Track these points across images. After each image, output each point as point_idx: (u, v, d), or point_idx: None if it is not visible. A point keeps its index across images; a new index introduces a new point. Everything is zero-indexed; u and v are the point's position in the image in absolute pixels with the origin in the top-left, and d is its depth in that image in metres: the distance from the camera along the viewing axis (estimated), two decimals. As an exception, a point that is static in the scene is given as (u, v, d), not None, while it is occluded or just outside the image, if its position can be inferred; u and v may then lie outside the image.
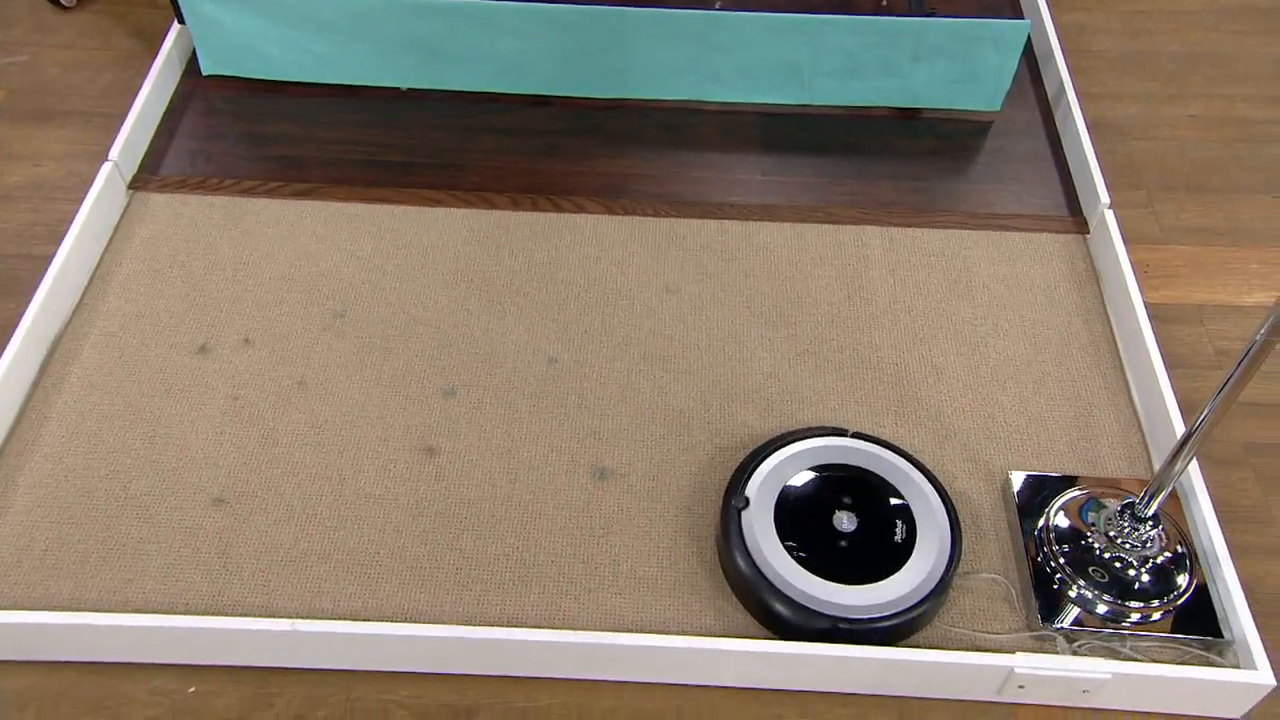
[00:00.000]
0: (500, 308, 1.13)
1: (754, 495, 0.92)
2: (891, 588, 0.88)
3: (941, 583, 0.89)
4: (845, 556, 0.89)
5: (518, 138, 1.31)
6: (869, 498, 0.93)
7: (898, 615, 0.87)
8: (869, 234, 1.24)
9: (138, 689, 0.87)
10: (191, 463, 0.98)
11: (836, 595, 0.87)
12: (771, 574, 0.88)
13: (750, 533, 0.89)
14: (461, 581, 0.92)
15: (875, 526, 0.91)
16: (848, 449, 0.97)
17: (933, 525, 0.92)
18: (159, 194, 1.21)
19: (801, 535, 0.90)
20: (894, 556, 0.90)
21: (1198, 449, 0.85)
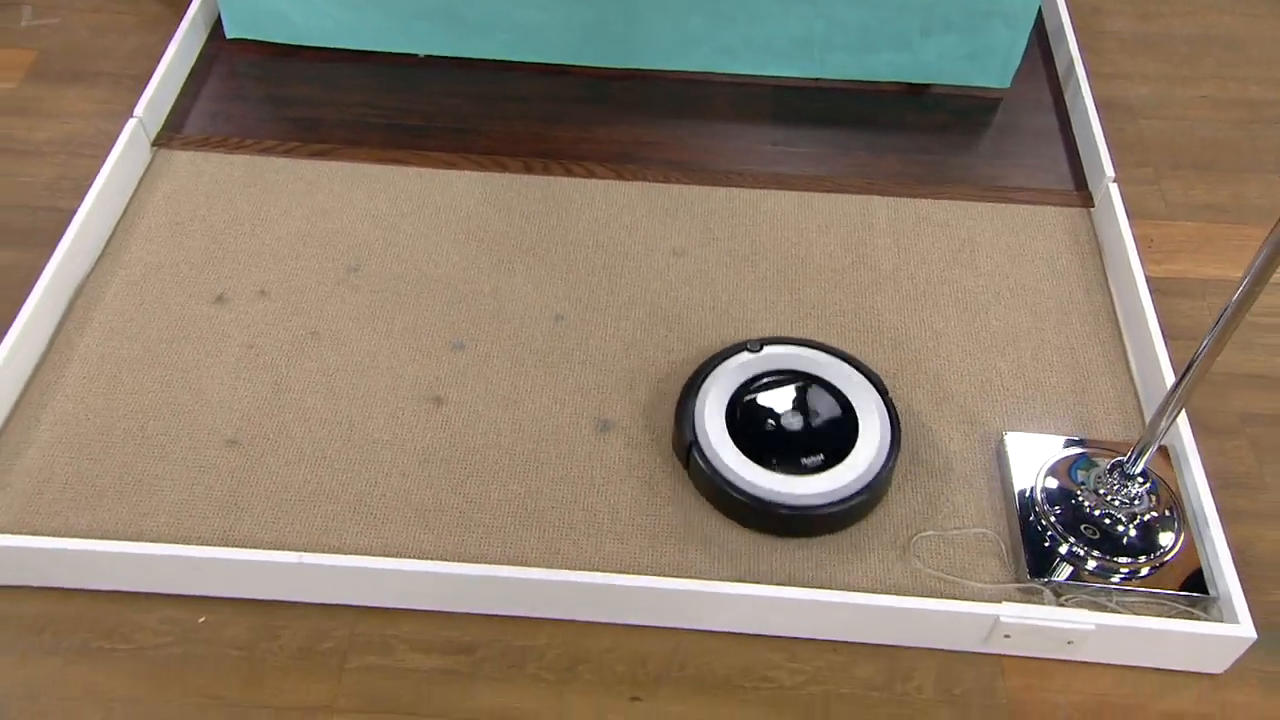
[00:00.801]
0: (510, 267, 1.15)
1: (704, 411, 0.97)
2: (834, 479, 0.94)
3: (880, 475, 0.94)
4: (797, 455, 0.96)
5: (531, 105, 1.34)
6: (812, 395, 0.99)
7: (839, 503, 0.93)
8: (875, 204, 1.25)
9: (149, 617, 0.90)
10: (207, 406, 1.01)
11: (783, 486, 0.93)
12: (725, 470, 0.94)
13: (704, 434, 0.95)
14: (464, 524, 0.95)
15: (820, 425, 0.98)
16: (799, 357, 1.02)
17: (874, 423, 0.97)
18: (181, 151, 1.24)
19: (755, 438, 0.96)
20: (837, 451, 0.96)
21: (1187, 402, 0.87)
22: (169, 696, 0.86)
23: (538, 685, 0.88)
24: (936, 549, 0.96)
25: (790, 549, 0.95)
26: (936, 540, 0.97)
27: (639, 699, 0.88)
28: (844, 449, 0.96)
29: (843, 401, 0.99)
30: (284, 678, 0.88)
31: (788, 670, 0.91)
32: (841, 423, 0.98)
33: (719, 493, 0.95)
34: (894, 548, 0.96)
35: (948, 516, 0.98)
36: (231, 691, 0.87)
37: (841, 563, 0.94)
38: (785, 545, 0.95)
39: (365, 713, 0.86)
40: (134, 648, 0.88)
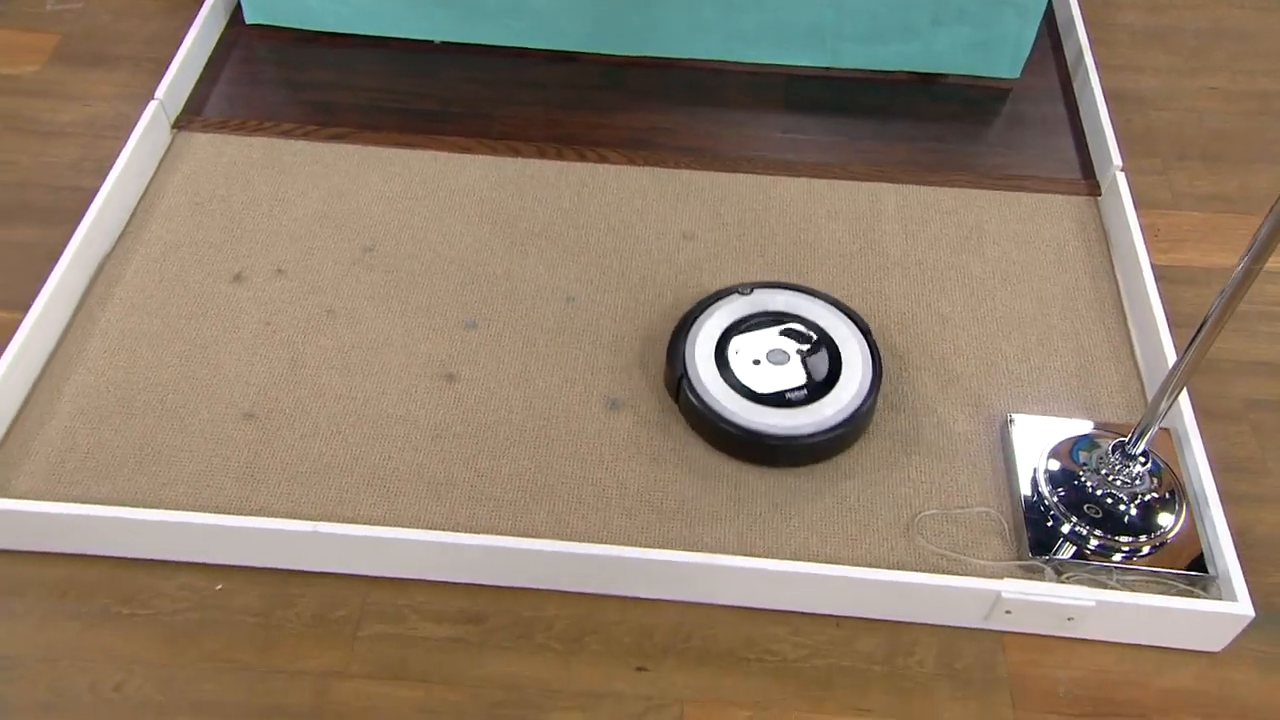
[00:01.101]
0: (522, 249, 1.17)
1: (695, 348, 1.02)
2: (817, 412, 0.98)
3: (860, 410, 0.99)
4: (782, 390, 1.00)
5: (546, 91, 1.35)
6: (802, 339, 1.04)
7: (821, 434, 0.98)
8: (884, 190, 1.27)
9: (167, 584, 0.92)
10: (224, 380, 1.03)
11: (767, 418, 0.98)
12: (712, 402, 0.99)
13: (694, 369, 1.01)
14: (475, 498, 0.97)
15: (805, 362, 1.03)
16: (789, 300, 1.07)
17: (856, 362, 1.03)
18: (201, 133, 1.26)
19: (739, 369, 1.01)
20: (820, 387, 1.01)
21: (1190, 385, 0.88)
22: (186, 660, 0.88)
23: (546, 655, 0.90)
24: (940, 527, 0.98)
25: (776, 477, 0.98)
26: (940, 519, 0.98)
27: (645, 669, 0.90)
28: (827, 385, 1.00)
29: (828, 341, 1.04)
30: (298, 643, 0.90)
31: (791, 644, 0.92)
32: (824, 362, 1.02)
33: (706, 424, 0.99)
34: (897, 525, 0.98)
35: (951, 496, 1.00)
36: (247, 656, 0.89)
37: (825, 491, 0.97)
38: (771, 474, 0.99)
39: (377, 678, 0.88)
40: (152, 613, 0.91)
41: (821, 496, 0.99)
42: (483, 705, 0.87)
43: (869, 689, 0.90)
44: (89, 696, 0.86)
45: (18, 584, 0.92)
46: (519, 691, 0.88)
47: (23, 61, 1.38)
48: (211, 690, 0.87)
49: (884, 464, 1.02)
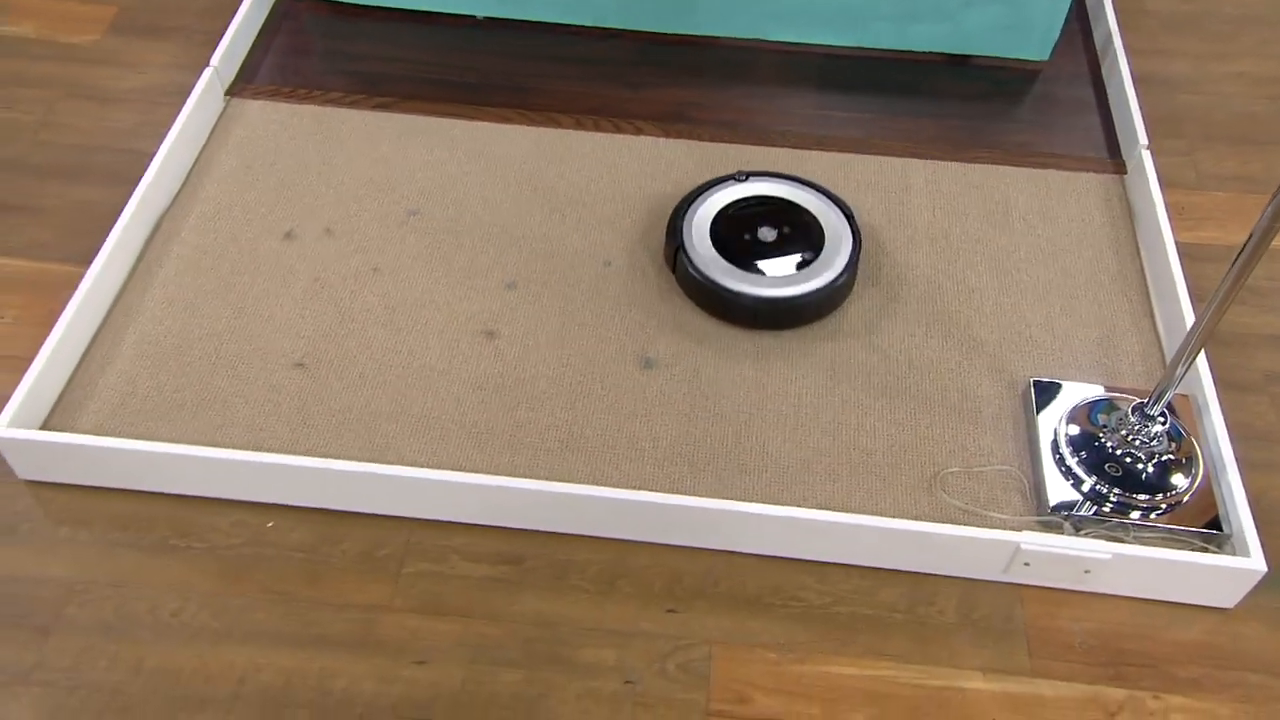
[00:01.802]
0: (561, 215, 1.21)
1: (693, 225, 1.13)
2: (798, 281, 1.09)
3: (837, 281, 1.10)
4: (765, 259, 1.11)
5: (585, 66, 1.39)
6: (787, 219, 1.15)
7: (798, 298, 1.09)
8: (912, 166, 1.30)
9: (222, 520, 0.97)
10: (276, 332, 1.08)
11: (760, 286, 1.09)
12: (705, 269, 1.09)
13: (691, 245, 1.12)
14: (514, 446, 1.01)
15: (791, 238, 1.13)
16: (782, 187, 1.18)
17: (836, 238, 1.13)
18: (253, 100, 1.31)
19: (731, 245, 1.12)
20: (805, 260, 1.12)
21: (1211, 354, 0.91)
22: (239, 590, 0.93)
23: (580, 595, 0.94)
24: (962, 484, 1.01)
25: (803, 435, 1.02)
26: (962, 476, 1.01)
27: (674, 611, 0.94)
28: (810, 259, 1.11)
29: (814, 222, 1.15)
30: (344, 579, 0.94)
31: (816, 591, 0.96)
32: (810, 238, 1.13)
33: (699, 289, 1.09)
34: (921, 482, 1.01)
35: (974, 455, 1.03)
36: (296, 589, 0.93)
37: (850, 446, 1.01)
38: (800, 431, 1.03)
39: (419, 613, 0.93)
40: (208, 546, 0.95)
41: (847, 452, 1.02)
42: (519, 640, 0.91)
43: (891, 635, 0.93)
44: (149, 619, 0.91)
45: (84, 515, 0.97)
46: (553, 628, 0.92)
47: (83, 31, 1.43)
48: (262, 619, 0.91)
49: (909, 424, 1.05)
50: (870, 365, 1.10)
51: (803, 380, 1.08)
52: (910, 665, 0.92)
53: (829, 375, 1.08)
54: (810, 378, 1.08)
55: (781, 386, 1.07)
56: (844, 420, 1.05)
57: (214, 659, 0.89)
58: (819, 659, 0.92)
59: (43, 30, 1.43)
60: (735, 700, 0.89)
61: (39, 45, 1.41)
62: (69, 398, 1.02)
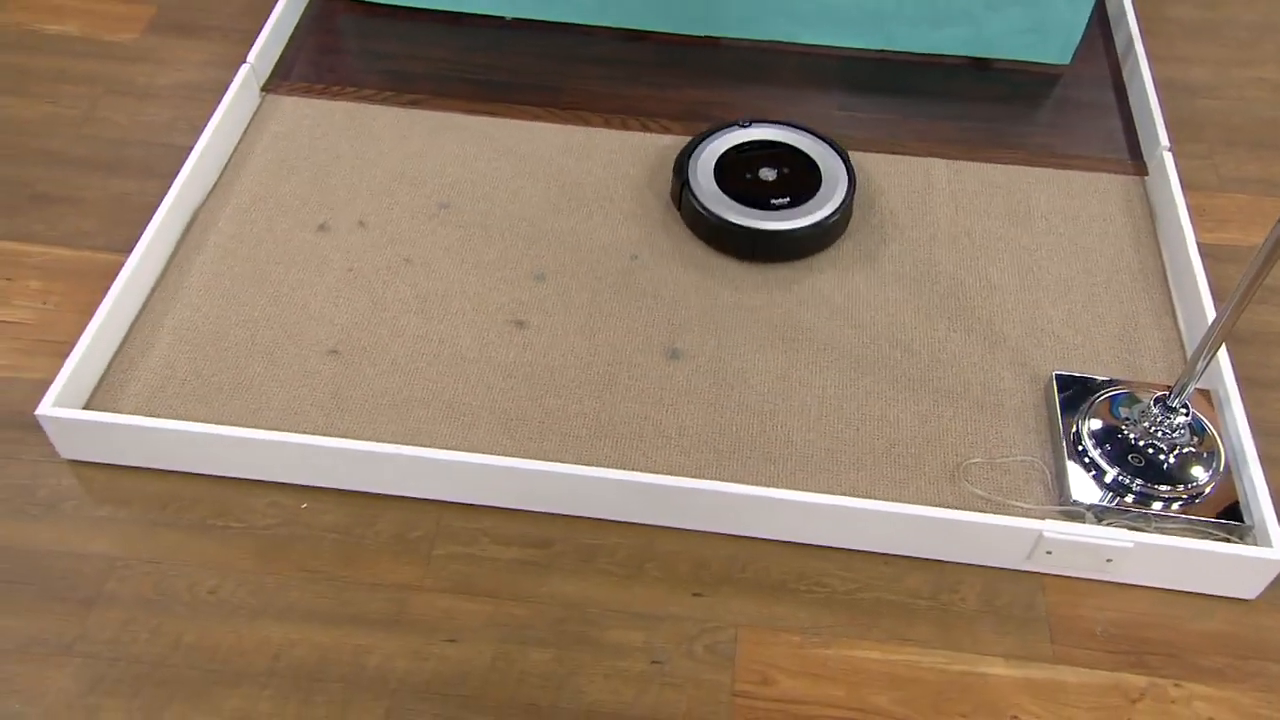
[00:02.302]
0: (588, 210, 1.23)
1: (698, 166, 1.21)
2: (793, 216, 1.17)
3: (831, 217, 1.17)
4: (768, 196, 1.19)
5: (612, 67, 1.42)
6: (787, 161, 1.23)
7: (793, 232, 1.16)
8: (935, 165, 1.32)
9: (258, 501, 0.99)
10: (310, 320, 1.10)
11: (758, 220, 1.16)
12: (709, 203, 1.18)
13: (696, 184, 1.19)
14: (543, 433, 1.03)
15: (790, 179, 1.21)
16: (783, 133, 1.26)
17: (834, 179, 1.21)
18: (287, 96, 1.34)
19: (735, 183, 1.20)
20: (803, 197, 1.19)
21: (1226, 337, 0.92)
22: (275, 569, 0.95)
23: (607, 578, 0.96)
24: (984, 474, 1.02)
25: (828, 424, 1.03)
26: (984, 467, 1.03)
27: (700, 595, 0.95)
28: (807, 197, 1.19)
29: (812, 165, 1.22)
30: (377, 559, 0.96)
31: (840, 578, 0.97)
32: (808, 179, 1.21)
33: (702, 222, 1.17)
34: (944, 472, 1.02)
35: (996, 447, 1.04)
36: (330, 568, 0.95)
37: (875, 436, 1.01)
38: (824, 420, 1.05)
39: (450, 593, 0.94)
40: (244, 526, 0.97)
41: (871, 442, 1.04)
42: (547, 620, 0.93)
43: (914, 621, 0.94)
44: (187, 596, 0.93)
45: (124, 495, 0.99)
46: (581, 610, 0.94)
47: (122, 30, 1.46)
48: (297, 598, 0.93)
49: (932, 416, 1.06)
50: (893, 359, 1.11)
51: (826, 372, 1.09)
52: (933, 650, 0.93)
53: (853, 368, 1.10)
54: (834, 370, 1.10)
55: (806, 378, 1.09)
56: (868, 412, 1.06)
57: (250, 635, 0.91)
58: (843, 643, 0.93)
59: (85, 29, 1.46)
60: (760, 681, 0.90)
61: (82, 43, 1.44)
62: (110, 380, 1.04)
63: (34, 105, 1.36)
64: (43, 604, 0.92)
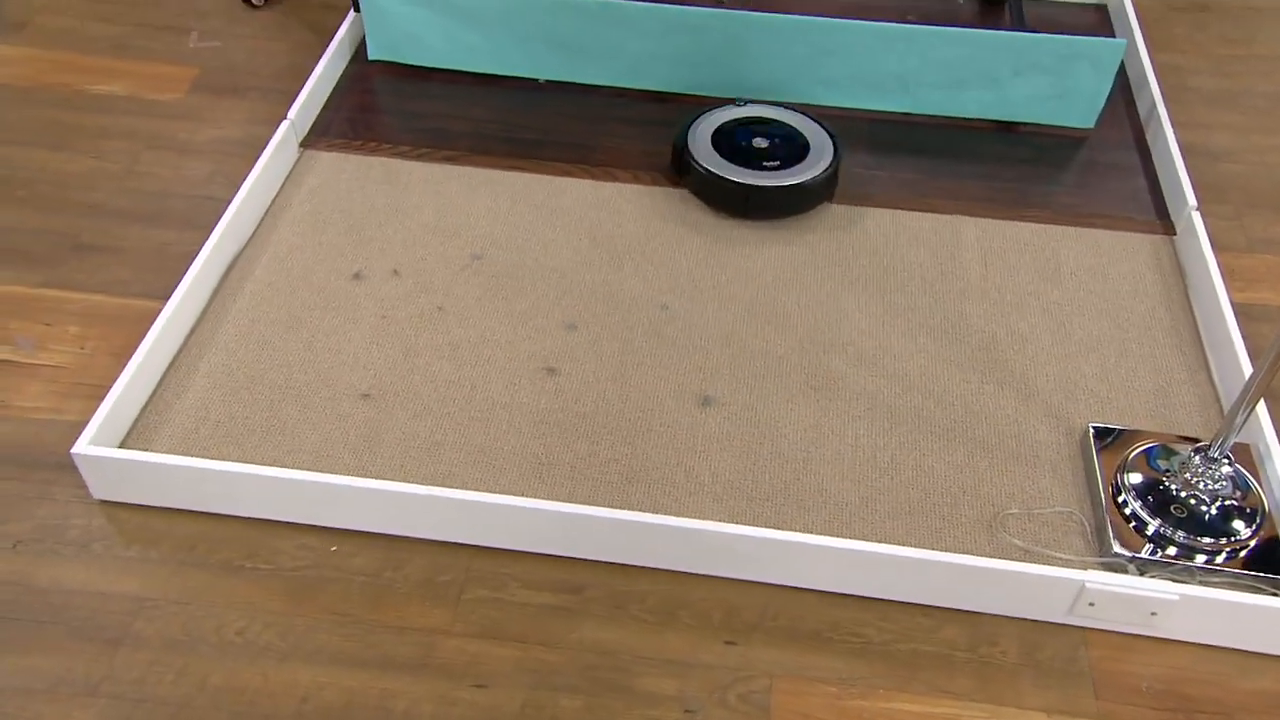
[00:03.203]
0: (619, 262, 1.25)
1: (696, 134, 1.35)
2: (787, 176, 1.29)
3: (820, 175, 1.29)
4: (759, 160, 1.31)
5: (643, 127, 1.44)
6: (779, 131, 1.36)
7: (790, 188, 1.28)
8: (963, 223, 1.33)
9: (287, 543, 0.99)
10: (344, 365, 1.11)
11: (750, 177, 1.28)
12: (710, 166, 1.30)
13: (695, 149, 1.32)
14: (574, 478, 1.02)
15: (781, 147, 1.34)
16: (775, 111, 1.39)
17: (820, 148, 1.34)
18: (326, 152, 1.37)
19: (729, 148, 1.33)
20: (792, 161, 1.32)
21: (1266, 390, 0.91)
22: (303, 611, 0.94)
23: (639, 625, 0.94)
24: (1022, 526, 1.01)
25: (861, 473, 1.01)
26: (1022, 518, 1.01)
27: (733, 643, 0.93)
28: (795, 162, 1.31)
29: (800, 137, 1.35)
30: (405, 603, 0.95)
31: (876, 628, 0.95)
32: (796, 148, 1.33)
33: (700, 179, 1.30)
34: (981, 523, 1.01)
35: (1033, 498, 1.03)
36: (359, 611, 0.94)
37: (911, 485, 0.99)
38: (852, 466, 1.02)
39: (479, 638, 0.93)
40: (273, 568, 0.97)
41: (906, 491, 1.03)
42: (578, 667, 0.91)
43: (954, 674, 0.92)
44: (214, 638, 0.91)
45: (154, 535, 0.98)
46: (613, 657, 0.92)
47: (166, 90, 1.50)
48: (325, 640, 0.92)
49: (967, 467, 1.05)
50: (927, 410, 1.11)
51: (859, 422, 1.09)
52: (974, 704, 0.90)
53: (886, 418, 1.09)
54: (867, 420, 1.09)
55: (838, 427, 1.08)
56: (902, 461, 1.06)
57: (277, 678, 0.89)
58: (881, 694, 0.91)
59: (130, 89, 1.50)
60: (797, 733, 0.88)
61: (127, 102, 1.48)
62: (145, 422, 1.05)
63: (78, 160, 1.39)
64: (70, 643, 0.91)
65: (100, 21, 1.63)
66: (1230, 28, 1.78)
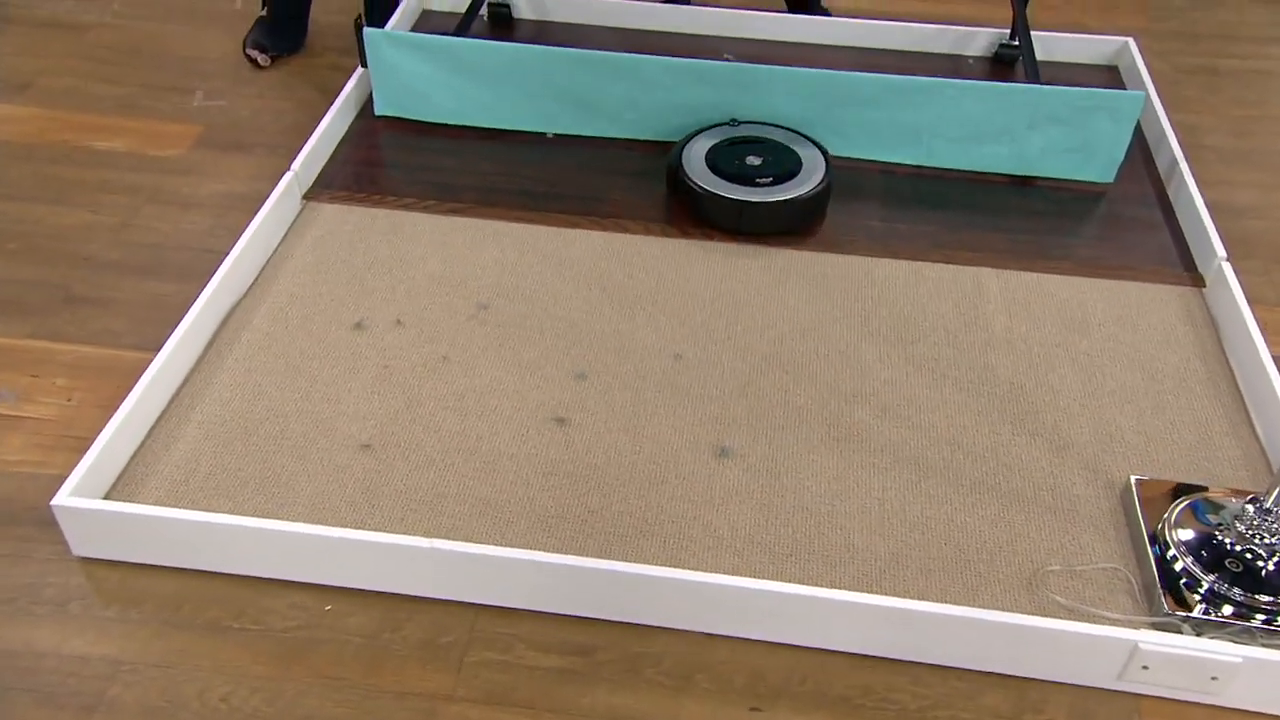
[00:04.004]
0: (630, 311, 1.20)
1: (690, 153, 1.37)
2: (780, 192, 1.31)
3: (807, 194, 1.31)
4: (753, 176, 1.32)
5: (651, 179, 1.41)
6: (772, 150, 1.37)
7: (781, 203, 1.29)
8: (985, 275, 1.29)
9: (278, 602, 0.92)
10: (344, 415, 1.06)
11: (743, 194, 1.30)
12: (704, 183, 1.31)
13: (689, 167, 1.34)
14: (586, 532, 0.96)
15: (774, 164, 1.35)
16: (767, 131, 1.41)
17: (813, 165, 1.35)
18: (329, 204, 1.34)
19: (724, 166, 1.34)
20: (785, 178, 1.33)
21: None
22: (293, 675, 0.87)
23: (655, 690, 0.87)
24: (1064, 583, 0.94)
25: (890, 528, 0.94)
26: (1064, 575, 0.95)
27: (758, 709, 0.86)
28: (788, 179, 1.32)
29: (793, 155, 1.36)
30: (404, 666, 0.88)
31: (910, 693, 0.88)
32: (789, 166, 1.35)
33: (690, 195, 1.31)
34: (1019, 580, 0.94)
35: (1074, 553, 0.97)
36: (354, 675, 0.87)
37: (944, 540, 0.92)
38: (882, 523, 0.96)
39: (484, 704, 0.86)
40: (262, 629, 0.90)
41: (939, 547, 0.96)
42: (591, 736, 0.84)
43: (997, 744, 0.85)
44: (197, 704, 0.84)
45: (136, 594, 0.92)
46: (628, 725, 0.85)
47: (169, 146, 1.48)
48: (317, 707, 0.85)
49: (1002, 521, 0.99)
50: (956, 462, 1.05)
51: (886, 474, 1.03)
52: (1022, 777, 0.83)
53: (914, 470, 1.04)
54: (894, 472, 1.03)
55: (864, 479, 1.02)
56: (932, 515, 0.99)
57: (261, 747, 0.82)
58: (920, 767, 0.83)
59: (133, 145, 1.48)
60: (830, 809, 0.80)
61: (128, 158, 1.46)
62: (130, 474, 0.99)
63: (74, 213, 1.36)
64: (40, 712, 0.84)
65: (104, 82, 1.61)
66: (1243, 90, 1.77)
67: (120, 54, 1.68)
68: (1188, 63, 1.83)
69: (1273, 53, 1.87)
